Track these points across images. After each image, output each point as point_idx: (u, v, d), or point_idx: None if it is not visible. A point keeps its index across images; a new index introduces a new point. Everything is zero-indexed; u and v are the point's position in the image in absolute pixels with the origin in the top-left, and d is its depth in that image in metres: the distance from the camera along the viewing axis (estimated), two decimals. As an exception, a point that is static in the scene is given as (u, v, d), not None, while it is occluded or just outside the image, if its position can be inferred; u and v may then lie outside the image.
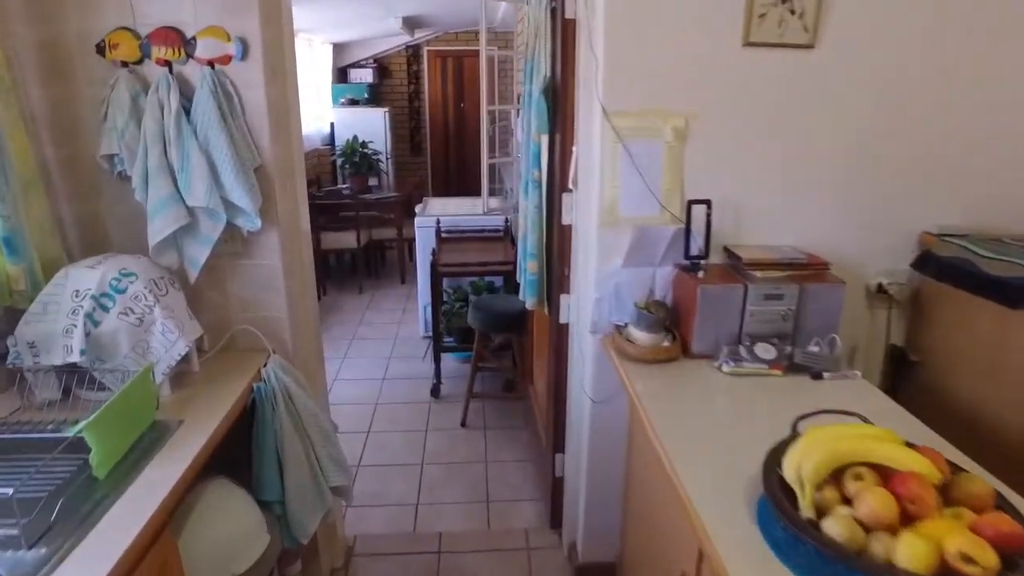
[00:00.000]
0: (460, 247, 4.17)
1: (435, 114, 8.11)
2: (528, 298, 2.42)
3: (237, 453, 1.75)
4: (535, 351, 3.22)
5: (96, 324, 1.53)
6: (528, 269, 2.40)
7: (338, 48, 7.51)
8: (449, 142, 8.27)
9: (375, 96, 7.37)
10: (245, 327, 1.91)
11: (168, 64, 1.67)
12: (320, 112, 6.64)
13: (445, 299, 4.07)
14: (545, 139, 2.18)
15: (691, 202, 1.82)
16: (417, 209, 4.77)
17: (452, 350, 3.97)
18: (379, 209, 5.78)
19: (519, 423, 3.58)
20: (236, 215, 1.74)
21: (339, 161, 5.82)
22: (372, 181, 6.00)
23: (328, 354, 4.48)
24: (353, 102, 6.88)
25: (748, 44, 1.78)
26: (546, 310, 2.44)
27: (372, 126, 6.77)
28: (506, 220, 4.39)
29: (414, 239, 4.53)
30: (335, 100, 6.99)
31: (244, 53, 1.70)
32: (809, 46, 1.79)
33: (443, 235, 4.33)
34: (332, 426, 2.02)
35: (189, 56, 1.69)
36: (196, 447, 1.47)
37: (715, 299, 1.78)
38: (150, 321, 1.60)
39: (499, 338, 3.75)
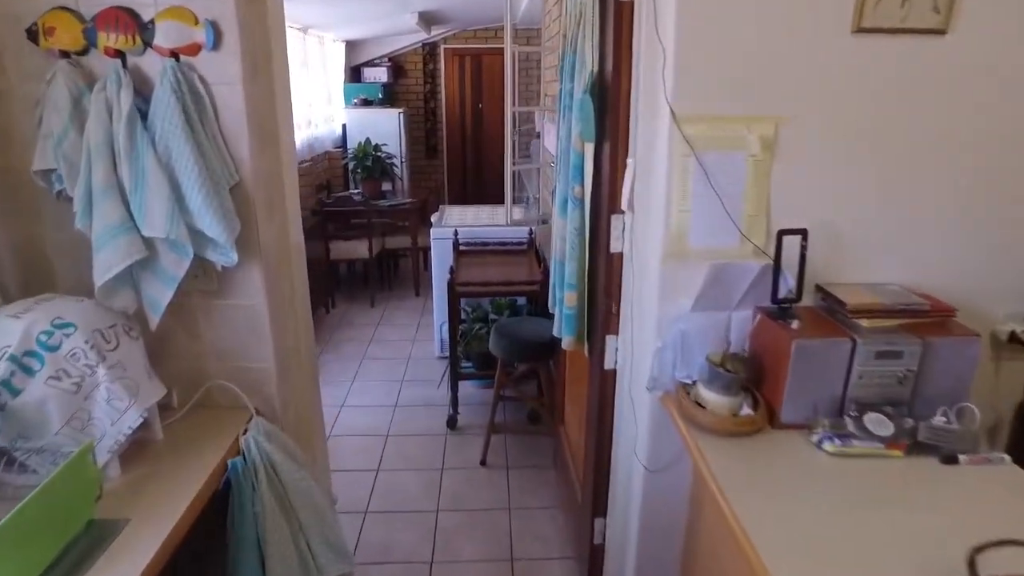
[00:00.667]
0: (480, 261, 3.80)
1: (452, 115, 7.75)
2: (564, 335, 2.04)
3: (205, 545, 1.39)
4: (567, 381, 2.84)
5: (15, 393, 1.17)
6: (564, 301, 2.01)
7: (351, 46, 7.17)
8: (466, 145, 7.91)
9: (389, 96, 7.03)
10: (221, 382, 1.55)
11: (120, 55, 1.32)
12: (332, 113, 6.31)
13: (463, 318, 3.70)
14: (590, 148, 1.80)
15: (782, 232, 1.43)
16: (433, 218, 4.41)
17: (471, 377, 3.60)
18: (392, 216, 5.42)
19: (546, 461, 3.20)
20: (206, 247, 1.38)
21: (351, 165, 5.48)
22: (386, 186, 5.65)
23: (335, 377, 4.17)
24: (366, 102, 6.54)
25: (859, 30, 1.39)
26: (585, 351, 2.06)
27: (386, 128, 6.43)
28: (530, 232, 4.01)
29: (429, 248, 4.18)
30: (347, 100, 6.66)
31: (216, 41, 1.34)
32: (940, 31, 1.39)
33: (461, 248, 3.96)
34: (330, 501, 1.65)
35: (146, 45, 1.33)
36: (146, 556, 1.12)
37: (813, 356, 1.39)
38: (91, 385, 1.24)
39: (524, 366, 3.38)
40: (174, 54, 1.32)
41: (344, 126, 6.50)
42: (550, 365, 3.15)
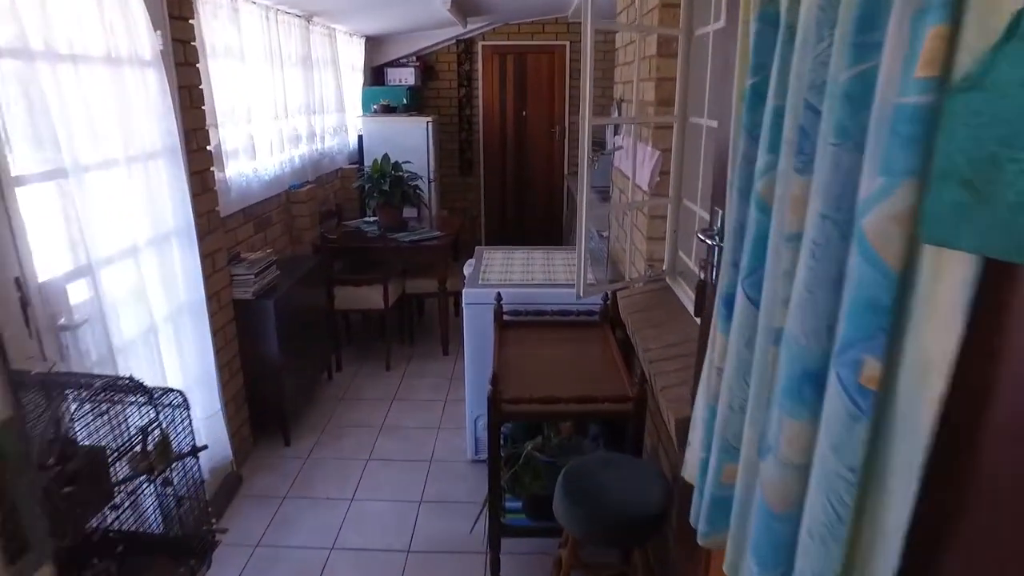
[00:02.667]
0: (534, 345, 2.60)
1: (490, 125, 6.59)
2: (706, 528, 0.83)
3: None
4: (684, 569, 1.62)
5: None
6: (721, 474, 0.80)
7: (373, 44, 6.06)
8: (507, 160, 6.73)
9: (417, 102, 5.90)
10: None
11: None
12: (346, 121, 5.18)
13: (505, 432, 2.50)
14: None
15: None
16: (466, 269, 3.23)
17: (519, 533, 2.38)
18: (415, 255, 4.26)
19: None
20: None
21: (365, 187, 4.34)
22: (408, 212, 4.51)
23: (329, 488, 2.95)
24: (388, 109, 5.41)
25: None
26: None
27: (411, 139, 5.29)
28: (604, 298, 2.80)
29: (460, 294, 3.00)
30: (366, 107, 5.54)
31: None
32: None
33: (506, 318, 2.77)
34: None
35: None
36: None
37: None
38: None
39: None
40: None
41: (360, 137, 5.37)
42: (653, 546, 1.92)
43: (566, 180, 6.68)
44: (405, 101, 5.53)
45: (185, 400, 1.73)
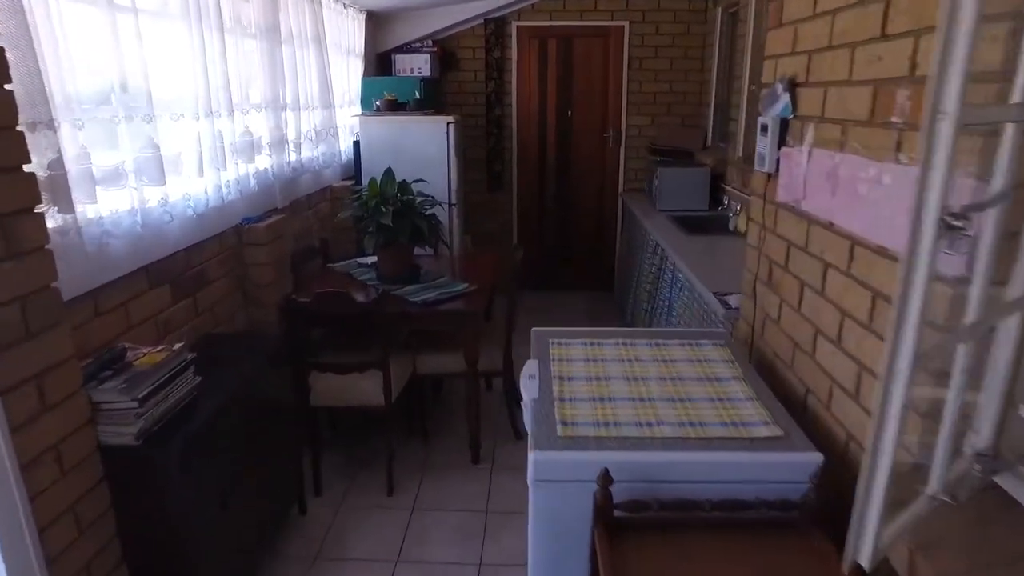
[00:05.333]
0: (673, 557, 1.17)
1: (526, 129, 5.18)
2: None
3: None
4: None
5: None
6: None
7: (377, 22, 4.68)
8: (546, 173, 5.31)
9: (433, 98, 4.50)
10: None
11: None
12: (335, 121, 3.77)
13: None
14: None
15: None
16: (525, 378, 1.80)
17: None
18: (432, 320, 2.84)
19: None
20: None
21: (356, 217, 2.93)
22: (420, 247, 3.11)
23: None
24: (396, 106, 4.02)
25: None
26: None
27: (426, 147, 3.89)
28: (813, 476, 1.35)
29: (500, 374, 1.61)
30: (366, 103, 4.15)
31: None
32: None
33: (619, 515, 1.34)
34: None
35: None
36: None
37: None
38: None
39: None
40: None
41: (356, 144, 3.98)
42: None
43: (622, 199, 5.26)
44: (418, 96, 4.12)
45: None
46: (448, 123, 3.88)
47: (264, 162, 2.83)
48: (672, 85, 5.06)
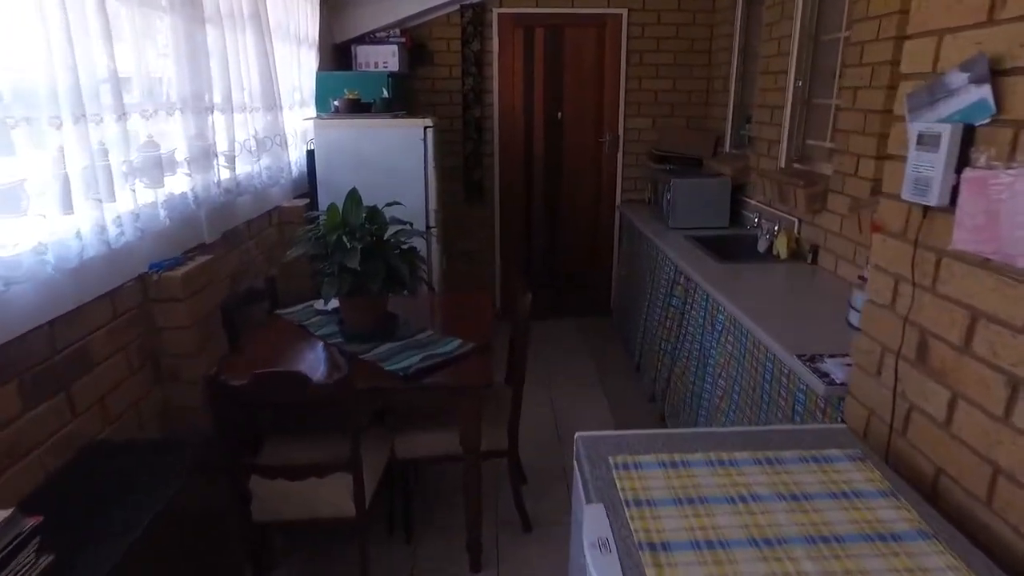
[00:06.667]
0: None
1: (510, 132, 4.48)
2: None
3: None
4: None
5: None
6: None
7: (333, 4, 3.92)
8: (533, 182, 4.63)
9: (403, 97, 3.77)
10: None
11: None
12: (283, 126, 3.00)
13: None
14: None
15: None
16: (591, 556, 1.11)
17: None
18: (416, 399, 2.12)
19: None
20: None
21: (311, 256, 2.19)
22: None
23: None
24: (359, 107, 3.28)
25: None
26: None
27: (398, 158, 3.17)
28: None
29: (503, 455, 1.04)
30: (321, 104, 3.40)
31: None
32: None
33: None
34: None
35: None
36: None
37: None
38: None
39: None
40: None
41: (311, 153, 3.22)
42: None
43: (619, 211, 4.61)
44: (386, 94, 3.39)
45: None
46: (425, 127, 3.15)
47: (182, 184, 2.07)
48: (676, 83, 4.43)
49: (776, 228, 3.19)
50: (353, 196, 2.23)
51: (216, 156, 2.24)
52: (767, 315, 2.30)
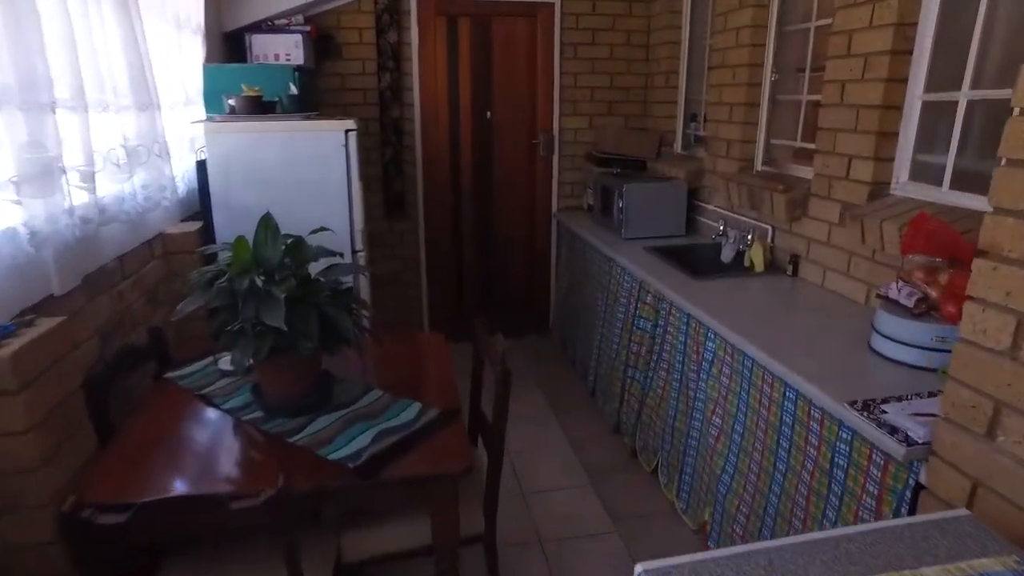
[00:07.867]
0: None
1: (434, 135, 3.97)
2: None
3: None
4: None
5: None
6: None
7: (220, -14, 3.26)
8: (461, 191, 4.14)
9: (310, 95, 3.17)
10: None
11: None
12: (160, 130, 2.33)
13: None
14: None
15: None
16: None
17: None
18: (371, 499, 1.58)
19: None
20: None
21: (211, 306, 1.64)
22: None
23: None
24: (261, 106, 2.67)
25: None
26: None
27: (314, 169, 2.59)
28: None
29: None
30: (212, 103, 2.75)
31: None
32: None
33: None
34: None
35: None
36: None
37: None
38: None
39: None
40: None
41: (202, 164, 2.57)
42: None
43: (556, 219, 4.22)
44: (293, 90, 2.79)
45: None
46: (347, 131, 2.59)
47: (9, 215, 1.43)
48: (613, 79, 4.09)
49: (749, 237, 2.89)
50: (267, 224, 1.66)
51: (64, 173, 1.60)
52: (775, 343, 1.96)
